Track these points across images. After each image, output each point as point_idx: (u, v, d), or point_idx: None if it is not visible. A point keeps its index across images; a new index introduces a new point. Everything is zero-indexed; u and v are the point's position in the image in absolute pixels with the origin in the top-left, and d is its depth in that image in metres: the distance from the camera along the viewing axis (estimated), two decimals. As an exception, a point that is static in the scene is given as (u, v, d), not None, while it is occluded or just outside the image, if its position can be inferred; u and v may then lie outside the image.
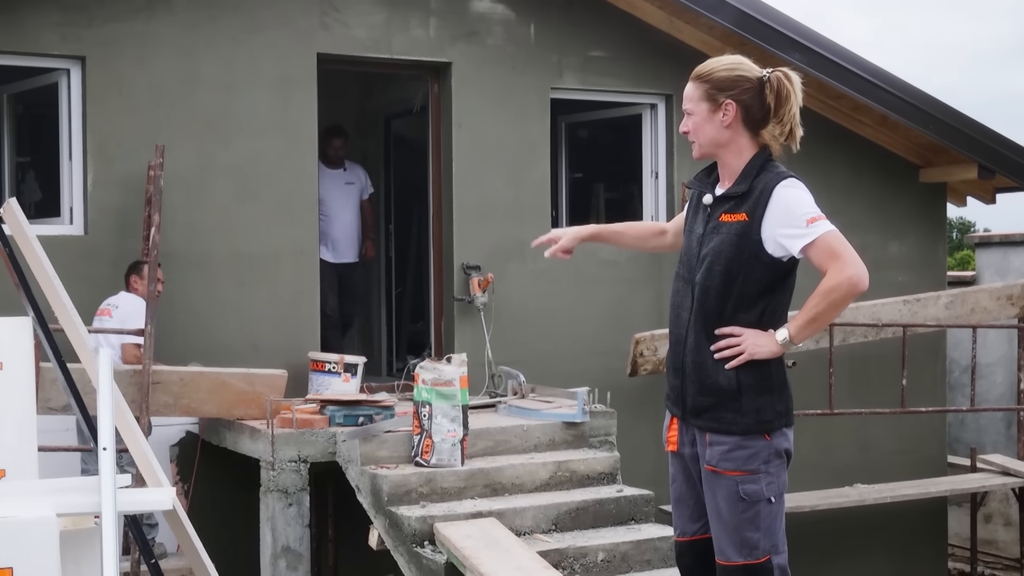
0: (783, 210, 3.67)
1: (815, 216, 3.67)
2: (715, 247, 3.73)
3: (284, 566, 6.54)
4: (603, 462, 6.80)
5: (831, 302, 3.67)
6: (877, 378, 9.44)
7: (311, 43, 7.81)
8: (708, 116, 3.76)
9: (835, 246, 3.66)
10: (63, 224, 7.29)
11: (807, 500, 8.64)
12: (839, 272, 3.64)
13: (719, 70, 3.77)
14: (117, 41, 7.27)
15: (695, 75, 3.81)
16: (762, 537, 3.72)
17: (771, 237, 3.68)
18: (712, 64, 3.81)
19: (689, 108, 3.80)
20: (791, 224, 3.66)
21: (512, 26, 8.44)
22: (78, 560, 2.96)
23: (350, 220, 9.11)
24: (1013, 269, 11.04)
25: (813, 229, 3.65)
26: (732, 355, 3.69)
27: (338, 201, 8.99)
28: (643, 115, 9.02)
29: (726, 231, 3.72)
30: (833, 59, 8.74)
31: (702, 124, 3.78)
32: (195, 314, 7.43)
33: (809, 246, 3.65)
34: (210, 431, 7.33)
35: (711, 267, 3.72)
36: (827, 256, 3.65)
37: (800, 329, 3.71)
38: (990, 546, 11.05)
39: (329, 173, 8.88)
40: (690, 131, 3.81)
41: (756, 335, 3.70)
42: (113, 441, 2.85)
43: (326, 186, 8.68)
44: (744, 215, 3.70)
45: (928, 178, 9.94)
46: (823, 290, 3.67)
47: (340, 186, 9.06)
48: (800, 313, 3.72)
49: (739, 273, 3.69)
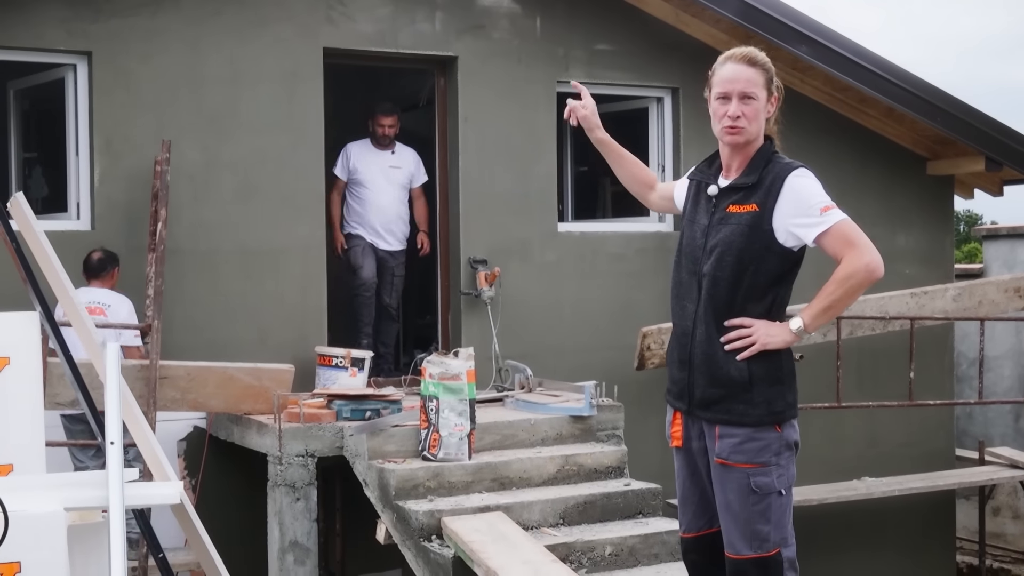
0: (796, 199, 3.67)
1: (828, 205, 3.67)
2: (725, 238, 3.71)
3: (292, 560, 6.55)
4: (610, 456, 6.80)
5: (847, 289, 3.67)
6: (885, 371, 9.42)
7: (317, 38, 7.81)
8: (764, 104, 3.74)
9: (850, 234, 3.67)
10: (70, 219, 7.30)
11: (815, 493, 8.63)
12: (856, 259, 3.64)
13: (766, 59, 3.75)
14: (123, 36, 7.27)
15: (752, 60, 3.72)
16: (772, 530, 3.71)
17: (783, 227, 3.67)
18: (756, 52, 3.76)
19: (753, 92, 3.70)
20: (805, 213, 3.66)
21: (518, 19, 8.43)
22: (86, 554, 2.96)
23: (389, 205, 8.43)
24: (1021, 261, 11.02)
25: (827, 218, 3.65)
26: (743, 346, 3.68)
27: (378, 184, 8.39)
28: (649, 108, 9.01)
29: (736, 222, 3.71)
30: (839, 51, 8.72)
31: (759, 112, 3.73)
32: (202, 309, 7.44)
33: (824, 234, 3.65)
34: (217, 426, 7.34)
35: (721, 258, 3.71)
36: (842, 244, 3.66)
37: (815, 317, 3.71)
38: (998, 539, 11.04)
39: (374, 153, 8.45)
40: (747, 116, 3.70)
41: (767, 325, 3.69)
42: (120, 435, 2.85)
43: (368, 167, 8.39)
44: (755, 205, 3.69)
45: (935, 170, 9.92)
46: (840, 277, 3.66)
47: (384, 169, 8.45)
48: (815, 301, 3.72)
49: (750, 263, 3.69)
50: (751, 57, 3.73)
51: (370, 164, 8.41)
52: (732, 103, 3.71)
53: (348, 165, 8.44)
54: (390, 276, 8.56)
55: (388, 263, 8.53)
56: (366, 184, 8.39)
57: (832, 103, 9.30)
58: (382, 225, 8.45)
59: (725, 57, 3.78)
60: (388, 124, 8.42)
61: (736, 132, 3.72)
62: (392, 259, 8.55)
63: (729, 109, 3.71)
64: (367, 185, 8.40)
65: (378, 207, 8.42)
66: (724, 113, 3.73)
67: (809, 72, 8.93)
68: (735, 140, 3.74)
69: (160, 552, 3.19)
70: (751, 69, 3.70)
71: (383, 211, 8.45)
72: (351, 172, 8.43)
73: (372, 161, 8.43)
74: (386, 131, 8.43)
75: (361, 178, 8.37)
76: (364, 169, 8.37)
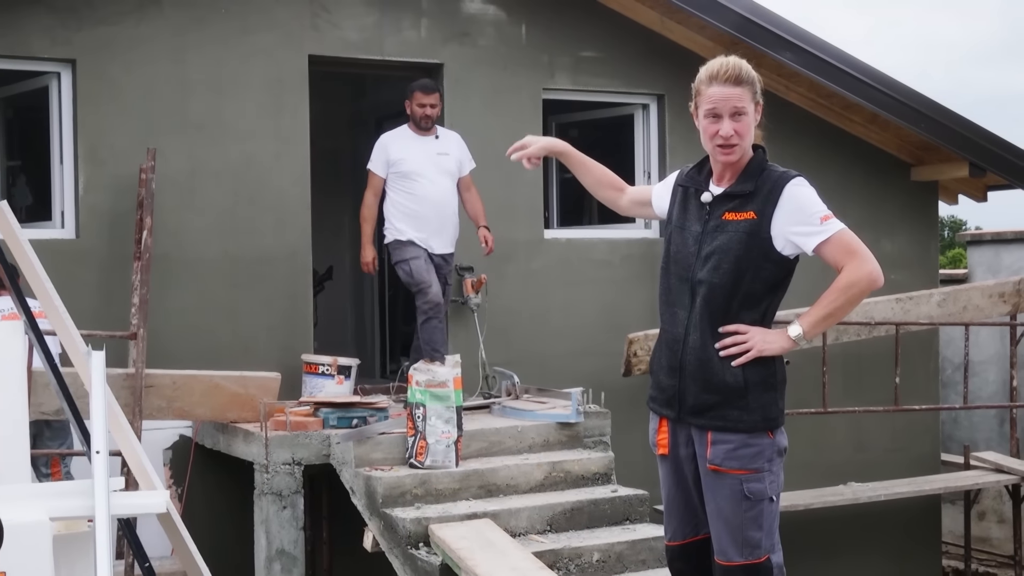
0: (795, 208, 3.69)
1: (827, 214, 3.70)
2: (722, 245, 3.71)
3: (279, 569, 6.53)
4: (597, 462, 6.80)
5: (849, 298, 3.70)
6: (870, 376, 9.45)
7: (302, 45, 7.80)
8: (754, 118, 3.75)
9: (851, 243, 3.70)
10: (54, 228, 7.27)
11: (801, 499, 8.65)
12: (858, 268, 3.67)
13: (750, 71, 3.75)
14: (107, 44, 7.26)
15: (738, 78, 3.70)
16: (764, 536, 3.72)
17: (782, 235, 3.69)
18: (739, 64, 3.74)
19: (743, 108, 3.69)
20: (804, 222, 3.68)
21: (503, 27, 8.44)
22: (71, 564, 2.95)
23: (443, 199, 7.45)
24: (1005, 267, 11.07)
25: (827, 227, 3.68)
26: (739, 352, 3.68)
27: (428, 174, 7.39)
28: (635, 115, 9.03)
29: (733, 229, 3.71)
30: (824, 58, 8.75)
31: (750, 125, 3.74)
32: (187, 317, 7.42)
33: (824, 243, 3.67)
34: (203, 434, 7.32)
35: (718, 265, 3.71)
36: (843, 253, 3.68)
37: (814, 325, 3.73)
38: (984, 543, 11.07)
39: (417, 140, 7.45)
40: (739, 133, 3.70)
41: (763, 332, 3.70)
42: (107, 444, 2.84)
43: (414, 156, 7.39)
44: (752, 213, 3.70)
45: (920, 176, 9.96)
46: (842, 286, 3.68)
47: (432, 156, 7.45)
48: (814, 309, 3.73)
49: (747, 271, 3.69)
50: (737, 76, 3.70)
51: (415, 152, 7.37)
52: (724, 122, 3.69)
53: (388, 157, 7.43)
54: (443, 285, 7.53)
55: (443, 270, 7.52)
56: (415, 175, 7.34)
57: (817, 110, 9.33)
58: (438, 223, 7.41)
59: (710, 76, 3.72)
60: (430, 103, 7.41)
61: (730, 152, 3.72)
62: (446, 265, 7.56)
63: (721, 128, 3.70)
64: (416, 177, 7.34)
65: (433, 202, 7.36)
66: (716, 132, 3.71)
67: (794, 79, 8.96)
68: (729, 159, 3.74)
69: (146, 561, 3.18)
70: (737, 88, 3.69)
71: (439, 207, 7.38)
72: (393, 164, 7.39)
73: (417, 148, 7.39)
74: (427, 111, 7.40)
75: (408, 169, 7.33)
76: (411, 158, 7.34)
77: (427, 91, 7.43)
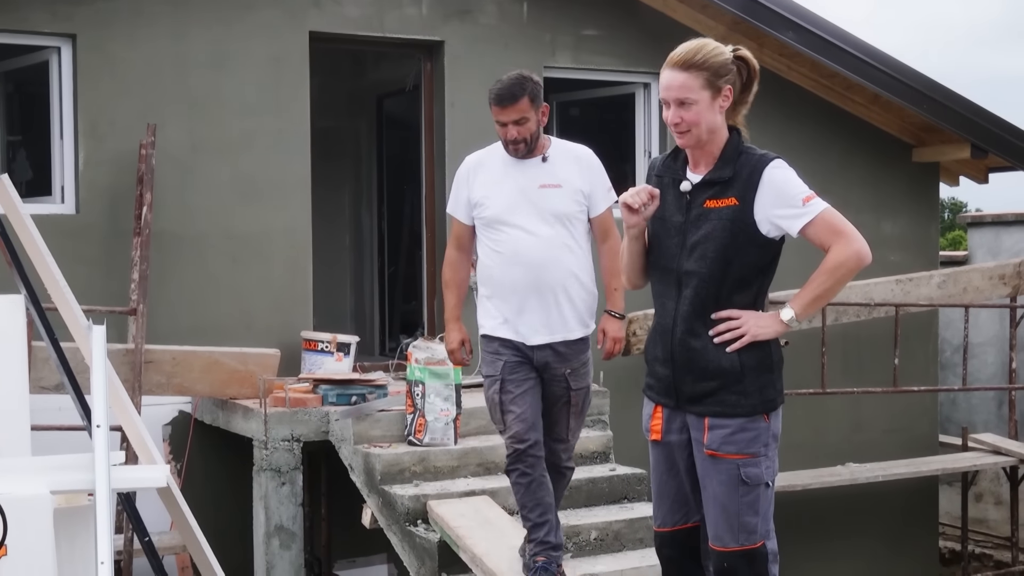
0: (776, 191, 3.66)
1: (809, 195, 3.67)
2: (707, 234, 3.68)
3: (277, 545, 6.55)
4: (596, 441, 6.81)
5: (838, 278, 3.68)
6: (869, 357, 9.46)
7: (303, 22, 7.77)
8: (710, 104, 3.66)
9: (835, 222, 3.67)
10: (54, 203, 7.26)
11: (799, 479, 8.67)
12: (845, 247, 3.64)
13: (711, 56, 3.67)
14: (108, 19, 7.23)
15: (687, 63, 3.65)
16: (760, 522, 3.72)
17: (766, 219, 3.66)
18: (696, 49, 3.68)
19: (690, 97, 3.63)
20: (786, 204, 3.66)
21: (505, 4, 8.41)
22: (72, 537, 2.96)
23: (546, 255, 4.82)
24: (1005, 249, 11.07)
25: (810, 208, 3.65)
26: (733, 338, 3.67)
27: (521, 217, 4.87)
28: (636, 94, 9.00)
29: (716, 217, 3.68)
30: (826, 37, 8.72)
31: (704, 113, 3.66)
32: (187, 293, 7.42)
33: (808, 225, 3.65)
34: (203, 410, 7.33)
35: (705, 254, 3.68)
36: (829, 233, 3.66)
37: (805, 307, 3.71)
38: (981, 525, 11.11)
39: (511, 165, 4.97)
40: (688, 121, 3.65)
41: (756, 316, 3.69)
42: (107, 419, 2.85)
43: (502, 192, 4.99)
44: (733, 199, 3.67)
45: (921, 157, 9.94)
46: (830, 266, 3.66)
47: (529, 190, 4.91)
48: (804, 291, 3.72)
49: (734, 257, 3.67)
50: (686, 61, 3.66)
51: (506, 186, 4.93)
52: (671, 109, 3.69)
53: (469, 194, 5.02)
54: (563, 393, 5.00)
55: (553, 368, 4.96)
56: (501, 223, 4.94)
57: (819, 90, 9.30)
58: (536, 297, 4.92)
59: (666, 61, 3.72)
60: (512, 119, 4.85)
61: (682, 136, 3.71)
62: (559, 361, 4.95)
63: (668, 115, 3.71)
64: (501, 226, 4.94)
65: (525, 262, 4.90)
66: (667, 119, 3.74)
67: (796, 59, 8.94)
68: (684, 143, 3.73)
69: (146, 535, 3.19)
70: (685, 74, 3.65)
71: (536, 269, 4.89)
72: (477, 205, 4.99)
73: (508, 180, 4.95)
74: (510, 132, 4.87)
75: (492, 215, 4.94)
76: (496, 195, 4.93)
77: (503, 103, 4.85)
